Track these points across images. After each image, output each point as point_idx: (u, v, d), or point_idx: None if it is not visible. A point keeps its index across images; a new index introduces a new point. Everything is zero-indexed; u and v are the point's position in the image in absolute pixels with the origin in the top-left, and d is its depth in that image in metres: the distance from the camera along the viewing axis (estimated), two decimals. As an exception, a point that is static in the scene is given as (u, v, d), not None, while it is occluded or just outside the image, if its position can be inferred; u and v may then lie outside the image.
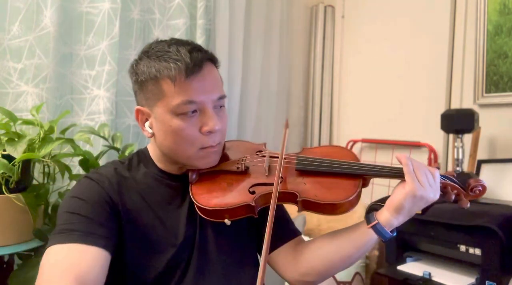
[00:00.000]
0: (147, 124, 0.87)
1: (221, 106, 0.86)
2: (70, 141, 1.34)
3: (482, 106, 1.81)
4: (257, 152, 0.96)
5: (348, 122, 2.43)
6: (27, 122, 1.31)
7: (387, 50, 2.20)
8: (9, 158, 1.16)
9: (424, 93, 2.04)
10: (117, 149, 1.48)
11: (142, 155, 0.93)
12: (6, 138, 1.18)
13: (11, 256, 1.31)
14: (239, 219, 0.84)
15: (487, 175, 1.66)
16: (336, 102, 2.49)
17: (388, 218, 0.85)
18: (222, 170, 0.90)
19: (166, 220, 0.86)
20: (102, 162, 1.47)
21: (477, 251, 1.34)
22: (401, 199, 0.83)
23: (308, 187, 0.86)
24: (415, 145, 2.05)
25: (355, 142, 2.32)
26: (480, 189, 0.88)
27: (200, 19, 1.85)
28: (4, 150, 1.16)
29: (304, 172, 0.88)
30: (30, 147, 1.21)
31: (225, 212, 0.83)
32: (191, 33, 1.87)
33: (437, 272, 1.45)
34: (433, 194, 0.84)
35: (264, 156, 0.93)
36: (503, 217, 1.30)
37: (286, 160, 0.90)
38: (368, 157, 2.25)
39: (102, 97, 1.60)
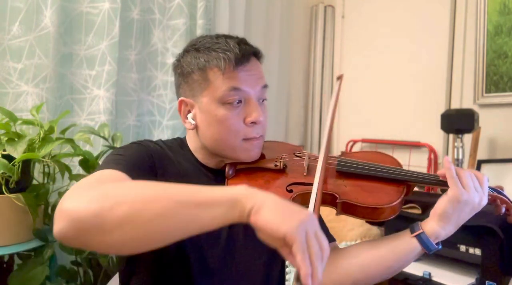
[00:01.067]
0: (189, 115, 0.86)
1: (263, 100, 0.87)
2: (70, 141, 1.34)
3: (482, 106, 1.81)
4: (295, 152, 0.94)
5: (348, 122, 2.43)
6: (27, 122, 1.31)
7: (387, 50, 2.20)
8: (9, 158, 1.16)
9: (424, 93, 2.04)
10: (117, 149, 1.48)
11: (182, 144, 0.92)
12: (6, 138, 1.18)
13: (11, 256, 1.31)
14: None
15: (487, 175, 1.66)
16: (336, 102, 2.49)
17: (434, 227, 0.80)
18: (259, 167, 0.88)
19: None
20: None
21: (477, 251, 1.34)
22: (444, 206, 0.79)
23: (348, 190, 0.82)
24: (415, 145, 2.05)
25: (355, 142, 2.32)
26: None
27: (200, 19, 1.85)
28: (4, 150, 1.16)
29: (345, 174, 0.86)
30: (30, 147, 1.21)
31: None
32: (191, 33, 1.86)
33: (437, 272, 1.45)
34: (479, 199, 0.79)
35: (303, 156, 0.91)
36: (503, 217, 1.30)
37: (318, 161, 0.88)
38: (368, 157, 2.25)
39: (102, 97, 1.60)
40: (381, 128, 2.22)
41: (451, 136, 1.91)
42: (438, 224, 0.80)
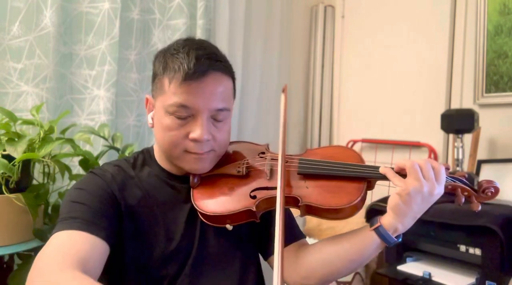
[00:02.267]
0: (150, 114, 0.89)
1: (220, 120, 0.85)
2: (70, 141, 1.34)
3: (482, 106, 1.81)
4: (259, 154, 0.94)
5: (348, 122, 2.43)
6: (27, 122, 1.31)
7: (387, 50, 2.20)
8: (9, 158, 1.16)
9: (424, 93, 2.04)
10: (117, 149, 1.48)
11: (147, 154, 0.94)
12: (6, 138, 1.18)
13: (11, 256, 1.31)
14: (241, 223, 0.84)
15: (487, 175, 1.66)
16: (336, 102, 2.49)
17: (390, 221, 0.81)
18: (223, 174, 0.89)
19: (166, 222, 0.86)
20: (102, 162, 1.47)
21: (477, 251, 1.34)
22: (394, 199, 0.79)
23: (310, 191, 0.83)
24: (415, 145, 2.05)
25: (355, 142, 2.32)
26: (493, 190, 0.83)
27: (200, 19, 1.85)
28: (4, 150, 1.16)
29: (307, 175, 0.86)
30: (30, 147, 1.21)
31: (226, 217, 0.82)
32: (191, 33, 1.86)
33: (437, 272, 1.45)
34: (428, 188, 0.77)
35: (265, 158, 0.91)
36: (503, 217, 1.30)
37: (287, 163, 0.88)
38: (368, 157, 2.25)
39: (102, 97, 1.60)
40: (381, 128, 2.22)
41: (451, 136, 1.91)
42: (394, 218, 0.81)
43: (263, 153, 0.94)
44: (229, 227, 0.82)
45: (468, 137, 1.75)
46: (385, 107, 2.21)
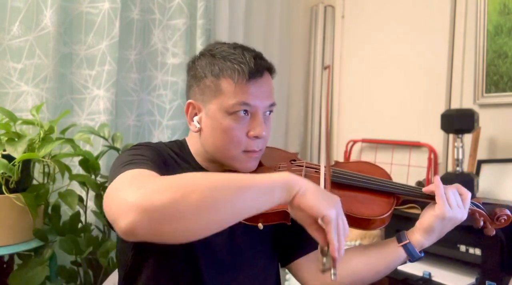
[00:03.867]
0: (195, 118, 0.88)
1: (270, 112, 0.89)
2: (70, 141, 1.34)
3: (482, 106, 1.81)
4: (291, 160, 0.97)
5: (348, 122, 2.43)
6: (27, 122, 1.31)
7: (387, 50, 2.20)
8: (9, 158, 1.16)
9: (424, 93, 2.04)
10: (117, 149, 1.48)
11: (182, 147, 0.94)
12: (6, 138, 1.18)
13: (11, 256, 1.31)
14: (271, 224, 0.85)
15: (487, 175, 1.66)
16: (336, 102, 2.49)
17: (419, 239, 0.88)
18: None
19: None
20: (102, 162, 1.48)
21: (477, 251, 1.34)
22: (431, 222, 0.86)
23: (342, 200, 0.85)
24: (415, 145, 2.05)
25: (355, 142, 2.32)
26: (505, 218, 0.90)
27: (200, 19, 1.85)
28: (4, 150, 1.16)
29: (339, 185, 0.88)
30: (30, 147, 1.21)
31: (260, 216, 0.82)
32: (191, 33, 1.87)
33: (437, 272, 1.45)
34: (461, 215, 0.86)
35: (301, 166, 0.93)
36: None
37: (321, 172, 0.90)
38: (368, 157, 2.25)
39: (102, 97, 1.60)
40: (381, 128, 2.22)
41: (451, 136, 1.91)
42: (423, 236, 0.88)
43: (294, 160, 0.97)
44: (260, 226, 0.83)
45: (468, 137, 1.75)
46: (385, 107, 2.21)
